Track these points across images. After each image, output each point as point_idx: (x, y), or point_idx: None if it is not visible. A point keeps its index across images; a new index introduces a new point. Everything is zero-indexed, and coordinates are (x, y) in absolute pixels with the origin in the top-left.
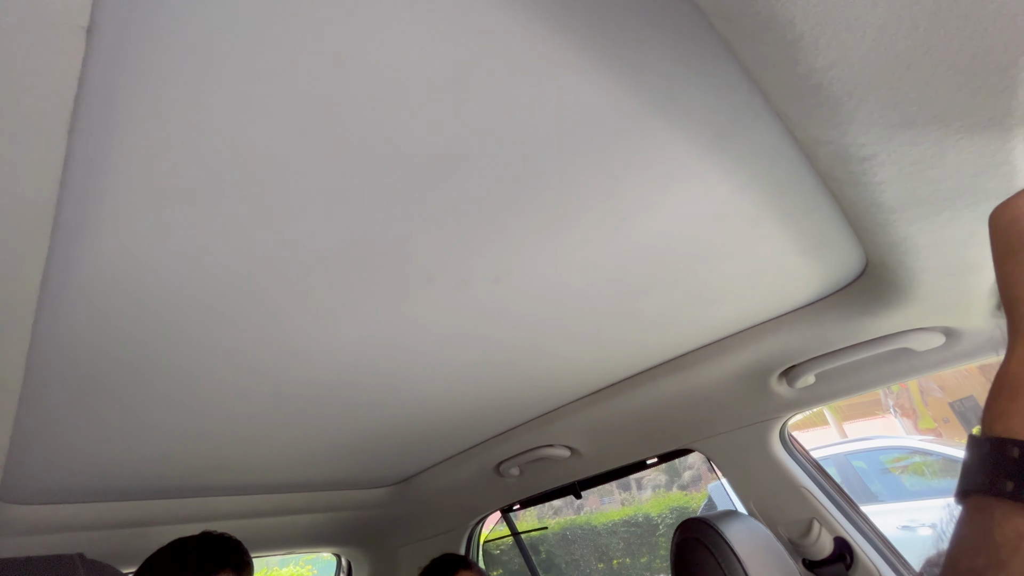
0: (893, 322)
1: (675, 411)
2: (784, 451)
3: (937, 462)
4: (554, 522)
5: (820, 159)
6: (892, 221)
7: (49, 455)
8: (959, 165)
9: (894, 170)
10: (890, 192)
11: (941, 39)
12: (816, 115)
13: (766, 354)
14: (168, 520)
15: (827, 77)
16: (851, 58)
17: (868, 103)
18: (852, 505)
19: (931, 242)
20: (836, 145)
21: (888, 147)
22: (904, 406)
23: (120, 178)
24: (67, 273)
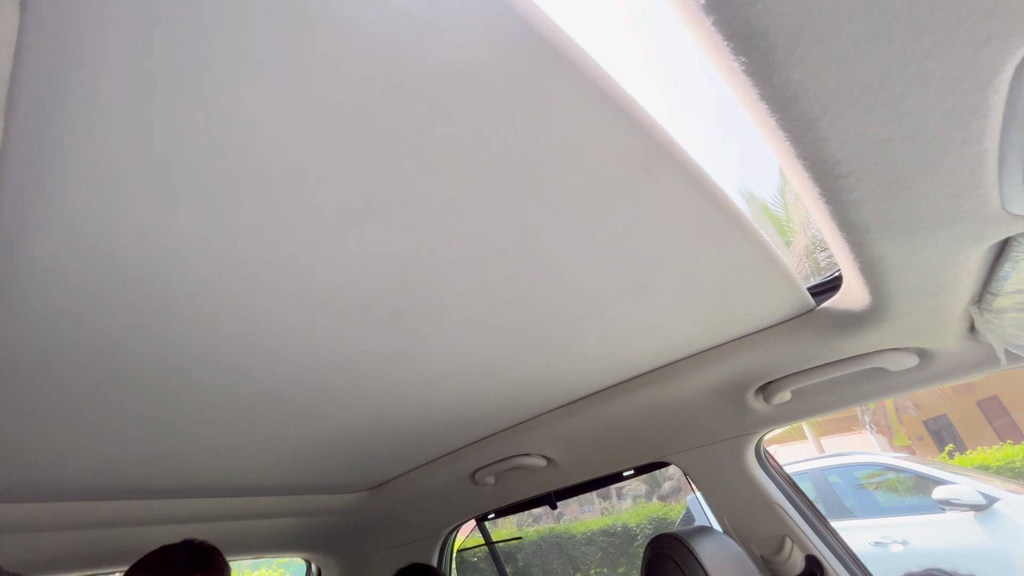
0: (868, 341)
1: (652, 424)
2: (759, 467)
3: (909, 479)
4: (532, 530)
5: (796, 175)
6: (867, 241)
7: (8, 452)
8: (934, 186)
9: (869, 188)
10: (865, 211)
11: (916, 55)
12: (792, 130)
13: (743, 369)
14: (132, 522)
15: (803, 89)
16: (826, 71)
17: (844, 119)
18: (824, 523)
19: (905, 263)
20: (812, 161)
21: (864, 165)
22: (880, 423)
23: (66, 160)
24: (16, 260)
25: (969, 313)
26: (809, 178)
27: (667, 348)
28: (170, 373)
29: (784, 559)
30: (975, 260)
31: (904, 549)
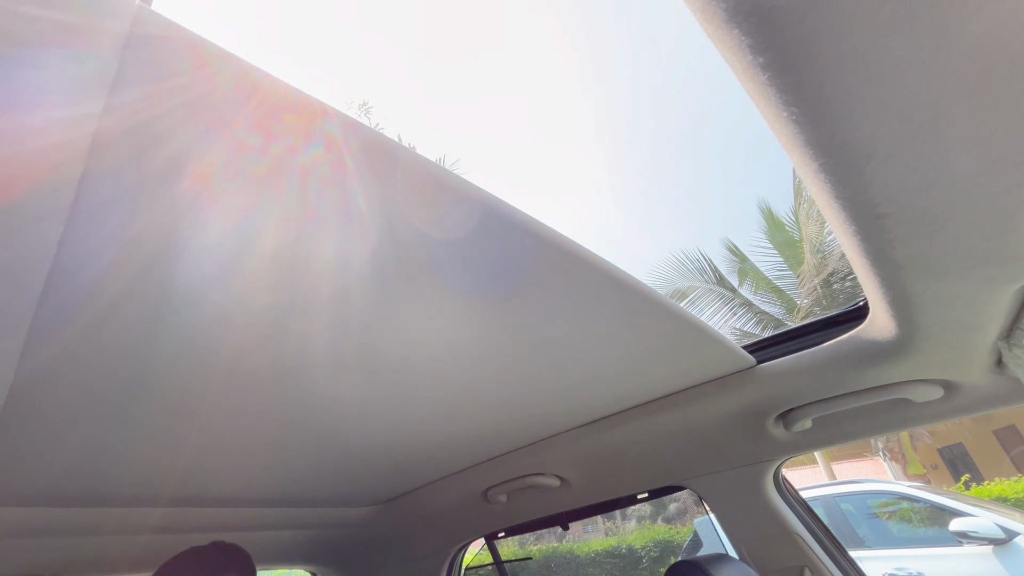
0: (892, 372)
1: (669, 447)
2: (777, 495)
3: (925, 509)
4: (536, 548)
5: (832, 213)
6: (900, 277)
7: (27, 457)
8: (971, 229)
9: (907, 229)
10: (900, 249)
11: (966, 109)
12: (834, 174)
13: (764, 396)
14: (145, 530)
15: (850, 138)
16: (876, 123)
17: (889, 165)
18: (844, 554)
19: (936, 299)
20: (851, 202)
21: (903, 207)
22: (893, 450)
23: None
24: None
25: (998, 347)
26: (846, 218)
27: (689, 373)
28: (189, 389)
29: None
30: (1007, 298)
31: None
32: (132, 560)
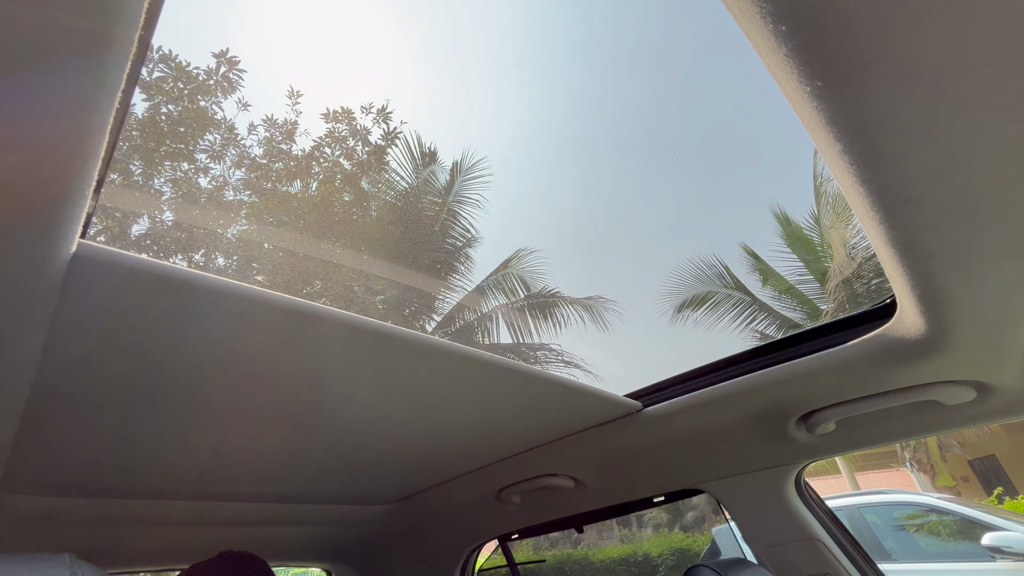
0: (922, 372)
1: (686, 449)
2: (800, 500)
3: (955, 522)
4: (550, 554)
5: (857, 199)
6: (929, 268)
7: (52, 448)
8: (1007, 214)
9: (937, 214)
10: (930, 238)
11: (1002, 80)
12: (860, 154)
13: (785, 396)
14: (157, 522)
15: (877, 116)
16: (904, 99)
17: (918, 145)
18: (870, 563)
19: (968, 292)
20: (877, 186)
21: (933, 191)
22: (922, 461)
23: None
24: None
25: None
26: (872, 203)
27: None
28: (208, 389)
29: None
30: None
31: None
32: (153, 553)
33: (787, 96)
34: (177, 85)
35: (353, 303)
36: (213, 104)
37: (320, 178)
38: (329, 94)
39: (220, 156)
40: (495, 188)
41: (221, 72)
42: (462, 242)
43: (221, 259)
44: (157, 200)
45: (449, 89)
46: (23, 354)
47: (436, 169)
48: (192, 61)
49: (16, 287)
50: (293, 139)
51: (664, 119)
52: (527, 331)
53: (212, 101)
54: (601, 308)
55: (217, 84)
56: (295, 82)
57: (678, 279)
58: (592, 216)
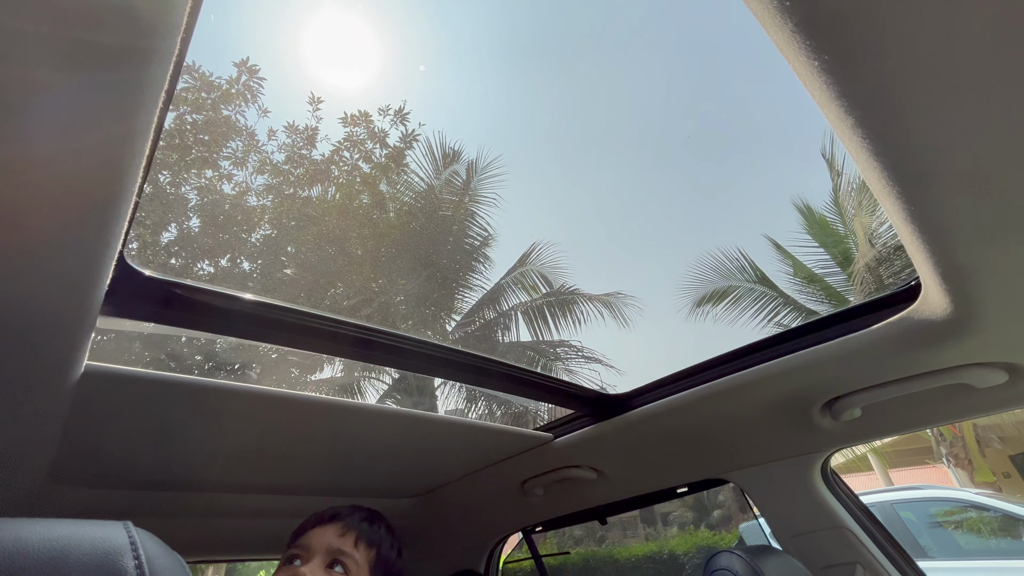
0: (950, 355)
1: (709, 439)
2: (827, 488)
3: (996, 519)
4: (575, 552)
5: (872, 175)
6: (950, 244)
7: (95, 441)
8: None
9: (955, 186)
10: (948, 211)
11: (1015, 42)
12: (872, 127)
13: (808, 383)
14: (182, 512)
15: (886, 85)
16: (913, 62)
17: (931, 114)
18: (901, 553)
19: (993, 269)
20: (891, 159)
21: (950, 161)
22: (959, 456)
23: None
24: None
25: None
26: (887, 177)
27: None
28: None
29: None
30: None
31: None
32: (181, 543)
33: (796, 72)
34: (201, 95)
35: (374, 304)
36: (237, 114)
37: (340, 181)
38: (347, 97)
39: (243, 163)
40: (511, 185)
41: (242, 81)
42: (479, 241)
43: (246, 263)
44: (184, 207)
45: (465, 86)
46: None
47: (456, 169)
48: (215, 71)
49: (72, 286)
50: (314, 144)
51: (680, 111)
52: (547, 329)
53: (236, 110)
54: (621, 304)
55: (239, 93)
56: (315, 87)
57: (698, 273)
58: (609, 212)
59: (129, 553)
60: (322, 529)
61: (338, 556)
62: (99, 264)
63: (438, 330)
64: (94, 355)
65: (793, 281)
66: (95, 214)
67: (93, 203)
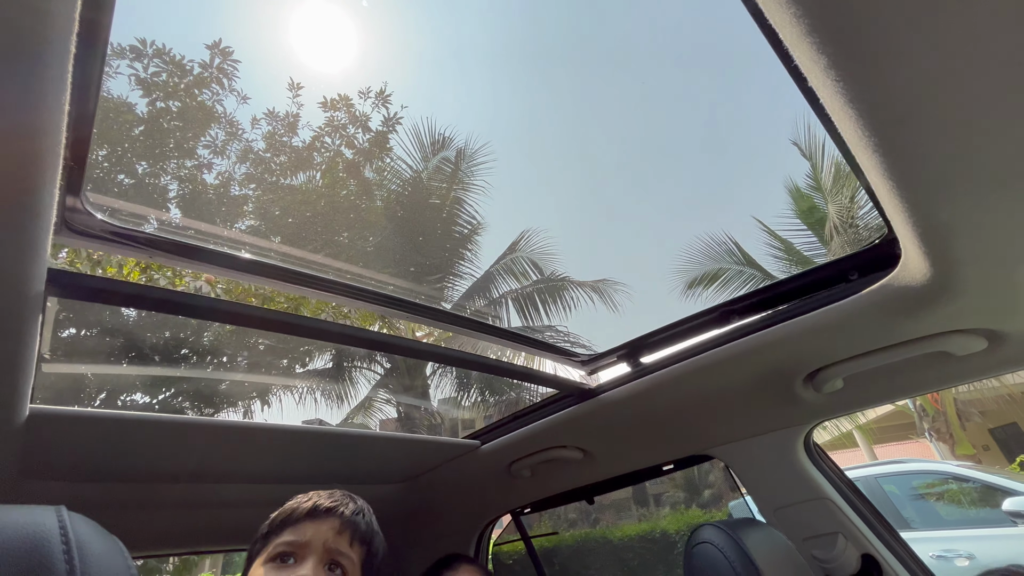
0: (929, 322)
1: (693, 415)
2: (809, 460)
3: (975, 489)
4: (568, 534)
5: (847, 124)
6: (928, 200)
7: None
8: (1012, 132)
9: (934, 134)
10: (927, 163)
11: None
12: (846, 68)
13: (789, 356)
14: (162, 505)
15: (862, 21)
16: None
17: (907, 52)
18: (882, 521)
19: (974, 227)
20: (869, 105)
21: (928, 106)
22: (940, 430)
23: None
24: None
25: None
26: (863, 125)
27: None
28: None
29: (837, 557)
30: None
31: (970, 563)
32: (159, 535)
33: (765, 8)
34: (173, 79)
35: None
36: (215, 102)
37: (323, 168)
38: (326, 82)
39: (223, 151)
40: (499, 173)
41: (216, 64)
42: (468, 229)
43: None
44: (164, 198)
45: (449, 71)
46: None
47: (443, 156)
48: (187, 54)
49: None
50: (295, 131)
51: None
52: (537, 315)
53: (214, 99)
54: (611, 290)
55: (213, 76)
56: (292, 70)
57: (688, 257)
58: (597, 198)
59: (58, 537)
60: (316, 524)
61: (335, 556)
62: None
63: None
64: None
65: (781, 262)
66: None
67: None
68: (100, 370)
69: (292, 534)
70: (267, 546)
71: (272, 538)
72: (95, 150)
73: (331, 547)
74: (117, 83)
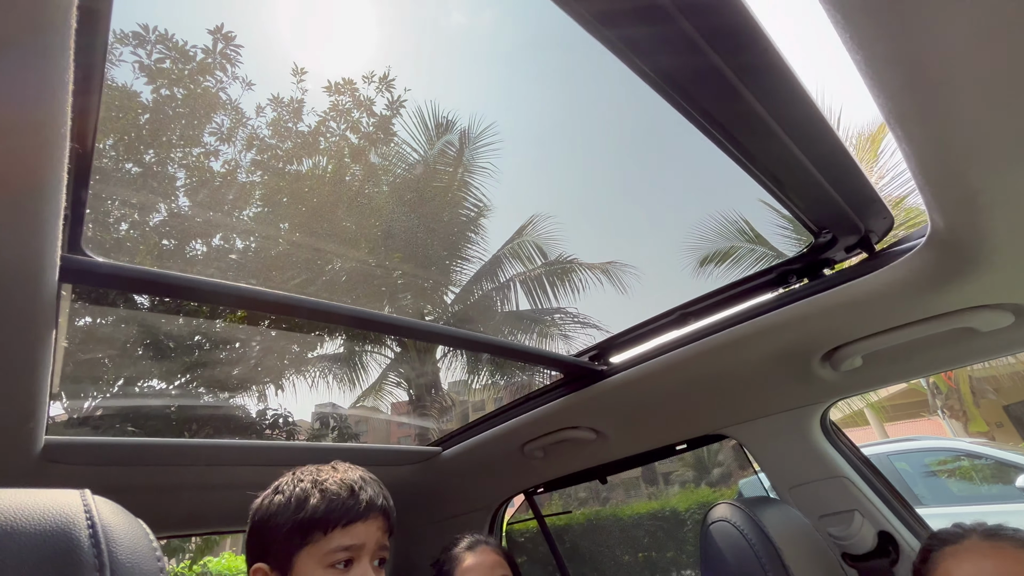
0: (955, 298)
1: (707, 395)
2: (825, 439)
3: (988, 466)
4: (579, 512)
5: (873, 75)
6: (964, 170)
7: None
8: None
9: (970, 98)
10: (965, 130)
11: None
12: (882, 26)
13: (808, 334)
14: (191, 486)
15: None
16: None
17: (942, 7)
18: (898, 498)
19: (1009, 197)
20: (903, 66)
21: (964, 69)
22: (954, 408)
23: None
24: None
25: None
26: (899, 87)
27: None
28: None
29: (854, 534)
30: None
31: None
32: (183, 517)
33: None
34: (176, 66)
35: (371, 280)
36: (219, 90)
37: (329, 153)
38: (330, 67)
39: (229, 138)
40: (505, 155)
41: (219, 49)
42: (475, 212)
43: (239, 242)
44: (172, 187)
45: (453, 53)
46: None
47: (448, 139)
48: (189, 39)
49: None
50: (300, 117)
51: None
52: (546, 298)
53: (219, 87)
54: (619, 272)
55: (216, 62)
56: (297, 58)
57: (700, 235)
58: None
59: (83, 520)
60: (367, 525)
61: (382, 552)
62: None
63: (437, 302)
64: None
65: (790, 240)
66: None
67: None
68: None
69: (349, 537)
70: (312, 541)
71: (316, 534)
72: (103, 139)
73: (382, 543)
74: (121, 71)
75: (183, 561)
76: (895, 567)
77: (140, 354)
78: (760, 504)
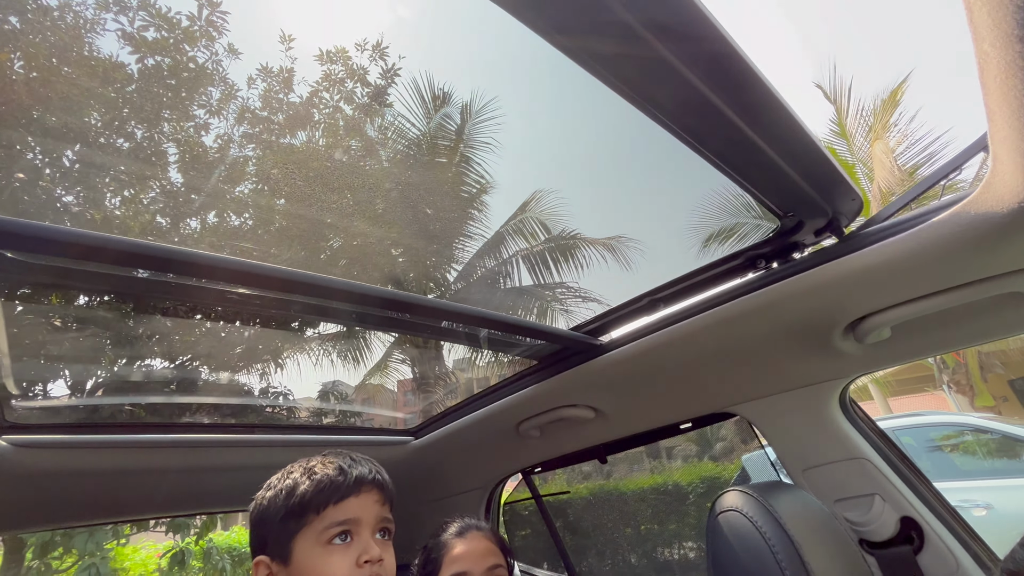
0: (1005, 258)
1: (714, 370)
2: (844, 418)
3: (993, 440)
4: (583, 487)
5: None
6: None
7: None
8: None
9: None
10: None
11: None
12: None
13: (830, 303)
14: (180, 468)
15: None
16: None
17: None
18: (923, 480)
19: None
20: None
21: None
22: (960, 382)
23: None
24: None
25: None
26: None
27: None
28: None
29: (874, 520)
30: None
31: (987, 513)
32: (167, 498)
33: None
34: (161, 33)
35: (371, 257)
36: (208, 61)
37: (323, 126)
38: (321, 35)
39: (219, 112)
40: (507, 130)
41: (204, 16)
42: (477, 188)
43: (235, 219)
44: (163, 162)
45: (450, 22)
46: None
47: (446, 111)
48: (173, 6)
49: None
50: (291, 87)
51: None
52: (549, 274)
53: (212, 60)
54: (623, 247)
55: (202, 31)
56: (285, 24)
57: (704, 212)
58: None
59: None
60: (360, 499)
61: (384, 524)
62: None
63: (439, 281)
64: None
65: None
66: None
67: None
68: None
69: (343, 512)
70: (306, 523)
71: (309, 516)
72: (90, 113)
73: (382, 516)
74: (107, 41)
75: (188, 537)
76: (919, 553)
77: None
78: (773, 490)
